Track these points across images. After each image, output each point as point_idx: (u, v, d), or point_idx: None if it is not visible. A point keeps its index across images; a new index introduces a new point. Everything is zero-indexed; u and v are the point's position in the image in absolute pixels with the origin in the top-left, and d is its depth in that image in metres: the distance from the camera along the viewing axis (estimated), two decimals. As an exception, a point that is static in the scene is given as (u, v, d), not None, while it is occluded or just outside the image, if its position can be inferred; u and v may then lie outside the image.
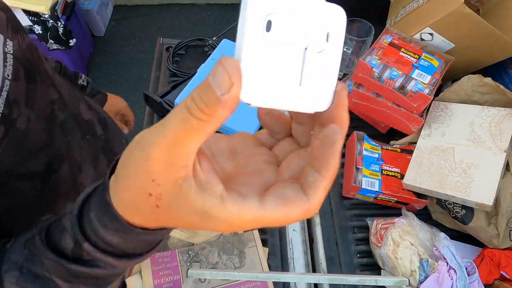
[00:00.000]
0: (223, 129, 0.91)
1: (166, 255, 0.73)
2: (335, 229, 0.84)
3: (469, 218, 0.76)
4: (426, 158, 0.82)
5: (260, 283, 0.73)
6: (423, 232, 0.73)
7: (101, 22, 2.32)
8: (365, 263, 0.80)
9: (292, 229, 0.84)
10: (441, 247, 0.69)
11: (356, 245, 0.82)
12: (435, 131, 0.86)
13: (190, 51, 1.14)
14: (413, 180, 0.80)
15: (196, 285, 0.71)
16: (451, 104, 0.88)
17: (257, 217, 0.21)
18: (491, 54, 0.89)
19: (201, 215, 0.21)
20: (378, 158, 0.87)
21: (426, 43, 0.92)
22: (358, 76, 0.88)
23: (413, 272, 0.69)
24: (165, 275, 0.71)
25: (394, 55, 0.88)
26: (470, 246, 0.80)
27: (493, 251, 0.74)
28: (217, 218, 0.21)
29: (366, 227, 0.83)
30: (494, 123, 0.80)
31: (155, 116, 0.98)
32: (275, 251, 0.80)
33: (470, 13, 0.81)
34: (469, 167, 0.76)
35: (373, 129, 0.99)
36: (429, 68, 0.87)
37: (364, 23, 1.05)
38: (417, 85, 0.85)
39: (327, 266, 0.79)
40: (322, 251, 0.81)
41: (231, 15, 2.55)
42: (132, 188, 0.22)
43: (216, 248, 0.76)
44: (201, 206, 0.21)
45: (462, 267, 0.67)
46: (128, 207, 0.24)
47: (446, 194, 0.75)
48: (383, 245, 0.74)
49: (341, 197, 0.89)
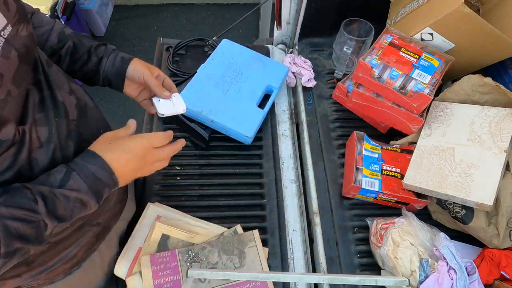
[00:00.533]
0: (223, 129, 0.91)
1: (166, 255, 0.73)
2: (335, 229, 0.84)
3: (469, 218, 0.76)
4: (426, 158, 0.82)
5: (260, 283, 0.73)
6: (423, 232, 0.73)
7: (101, 22, 2.32)
8: (365, 263, 0.80)
9: (292, 229, 0.84)
10: (441, 247, 0.69)
11: (356, 245, 0.82)
12: (435, 131, 0.86)
13: (190, 51, 1.14)
14: (413, 180, 0.80)
15: (196, 285, 0.71)
16: (451, 104, 0.88)
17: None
18: (491, 54, 0.89)
19: (123, 147, 0.54)
20: (378, 158, 0.87)
21: (426, 43, 0.92)
22: (358, 76, 0.88)
23: (413, 272, 0.69)
24: (165, 275, 0.71)
25: (394, 55, 0.88)
26: (470, 246, 0.80)
27: (493, 251, 0.74)
28: (128, 144, 0.55)
29: (366, 227, 0.83)
30: (494, 123, 0.80)
31: (155, 116, 0.98)
32: (275, 251, 0.80)
33: (470, 13, 0.81)
34: (469, 167, 0.76)
35: (373, 129, 0.99)
36: (429, 68, 0.87)
37: (364, 23, 1.05)
38: (417, 85, 0.85)
39: (327, 266, 0.79)
40: (322, 251, 0.81)
41: (231, 15, 2.56)
42: (100, 141, 0.55)
43: (216, 248, 0.76)
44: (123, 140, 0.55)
45: (462, 267, 0.67)
46: (98, 149, 0.53)
47: (446, 194, 0.75)
48: (383, 245, 0.74)
49: (341, 197, 0.89)
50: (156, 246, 0.75)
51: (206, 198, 0.87)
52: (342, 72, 1.08)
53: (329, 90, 1.08)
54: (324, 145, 0.97)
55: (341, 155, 0.95)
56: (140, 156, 0.55)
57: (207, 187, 0.88)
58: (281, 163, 0.94)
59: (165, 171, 0.89)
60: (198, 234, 0.78)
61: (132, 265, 0.73)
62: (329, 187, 0.90)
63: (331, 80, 1.10)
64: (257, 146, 0.96)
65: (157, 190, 0.86)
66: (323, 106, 1.05)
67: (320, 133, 1.00)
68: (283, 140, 0.99)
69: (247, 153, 0.95)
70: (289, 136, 1.00)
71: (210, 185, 0.89)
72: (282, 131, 1.01)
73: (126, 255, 0.73)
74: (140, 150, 0.55)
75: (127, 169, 0.54)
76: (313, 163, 0.93)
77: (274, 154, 0.95)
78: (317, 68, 1.13)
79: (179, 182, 0.88)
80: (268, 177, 0.91)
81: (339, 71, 1.08)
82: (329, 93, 1.07)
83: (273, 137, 0.98)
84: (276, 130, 1.00)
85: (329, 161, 0.94)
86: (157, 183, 0.87)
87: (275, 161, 0.94)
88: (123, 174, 0.54)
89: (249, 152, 0.95)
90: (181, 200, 0.86)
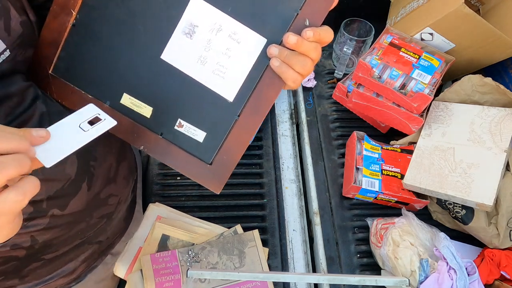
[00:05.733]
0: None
1: (166, 255, 0.73)
2: (335, 229, 0.84)
3: (469, 218, 0.76)
4: (426, 158, 0.82)
5: (260, 283, 0.73)
6: (423, 232, 0.73)
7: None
8: (365, 263, 0.80)
9: (292, 229, 0.84)
10: (441, 247, 0.69)
11: (356, 245, 0.82)
12: (435, 131, 0.86)
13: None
14: (413, 180, 0.80)
15: (196, 285, 0.71)
16: (451, 104, 0.88)
17: None
18: (491, 54, 0.89)
19: None
20: (378, 158, 0.87)
21: (426, 43, 0.92)
22: (358, 76, 0.88)
23: (413, 272, 0.69)
24: (166, 274, 0.71)
25: (394, 55, 0.88)
26: (470, 246, 0.80)
27: (493, 251, 0.74)
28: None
29: (366, 227, 0.83)
30: (494, 123, 0.80)
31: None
32: (275, 251, 0.80)
33: (470, 13, 0.81)
34: (469, 167, 0.76)
35: (373, 129, 0.99)
36: (429, 68, 0.86)
37: (364, 23, 1.05)
38: (417, 85, 0.85)
39: (327, 266, 0.79)
40: (322, 251, 0.81)
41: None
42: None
43: (216, 248, 0.76)
44: None
45: (462, 267, 0.67)
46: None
47: (446, 194, 0.75)
48: (383, 245, 0.74)
49: (341, 197, 0.89)
50: (156, 246, 0.75)
51: (206, 198, 0.86)
52: (342, 72, 1.08)
53: (329, 90, 1.08)
54: (324, 145, 0.97)
55: (341, 155, 0.95)
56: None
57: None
58: (281, 163, 0.94)
59: (165, 171, 0.89)
60: (198, 234, 0.78)
61: (131, 265, 0.73)
62: (329, 187, 0.90)
63: (331, 80, 1.10)
64: (257, 146, 0.96)
65: (157, 190, 0.86)
66: (323, 106, 1.05)
67: (320, 133, 1.00)
68: (283, 140, 0.99)
69: (247, 153, 0.94)
70: (289, 136, 1.00)
71: (210, 185, 0.89)
72: (282, 131, 1.01)
73: (126, 255, 0.73)
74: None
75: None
76: (313, 163, 0.93)
77: (274, 154, 0.95)
78: (317, 68, 1.13)
79: (179, 182, 0.88)
80: (268, 177, 0.91)
81: (339, 71, 1.08)
82: (329, 93, 1.07)
83: (273, 137, 0.99)
84: (276, 130, 1.00)
85: (329, 161, 0.94)
86: (157, 183, 0.87)
87: (275, 161, 0.94)
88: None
89: (249, 152, 0.95)
90: (181, 200, 0.86)
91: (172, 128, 0.53)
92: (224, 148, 0.53)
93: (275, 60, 0.46)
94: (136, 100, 0.53)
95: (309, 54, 0.45)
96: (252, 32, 0.47)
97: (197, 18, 0.48)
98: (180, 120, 0.53)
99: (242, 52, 0.48)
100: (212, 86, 0.51)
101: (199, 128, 0.53)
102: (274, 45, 0.46)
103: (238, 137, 0.52)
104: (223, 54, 0.49)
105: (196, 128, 0.53)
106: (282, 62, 0.46)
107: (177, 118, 0.53)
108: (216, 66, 0.49)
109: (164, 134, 0.54)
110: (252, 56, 0.48)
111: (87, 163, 0.55)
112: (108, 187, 0.62)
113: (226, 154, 0.53)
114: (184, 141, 0.54)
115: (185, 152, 0.54)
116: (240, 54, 0.49)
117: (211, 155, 0.54)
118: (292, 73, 0.46)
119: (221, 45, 0.48)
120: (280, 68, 0.46)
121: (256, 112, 0.51)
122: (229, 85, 0.50)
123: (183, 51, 0.49)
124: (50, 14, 0.50)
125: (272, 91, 0.50)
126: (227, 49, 0.48)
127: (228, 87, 0.50)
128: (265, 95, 0.50)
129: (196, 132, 0.53)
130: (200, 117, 0.52)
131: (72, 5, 0.50)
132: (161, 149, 0.54)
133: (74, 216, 0.56)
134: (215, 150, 0.53)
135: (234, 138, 0.53)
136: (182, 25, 0.48)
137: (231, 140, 0.53)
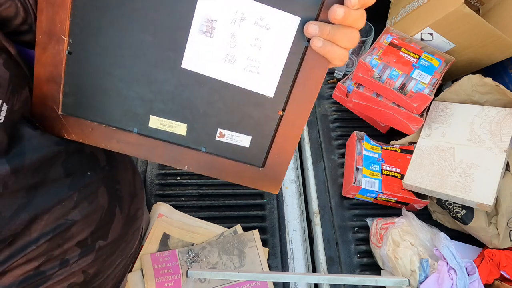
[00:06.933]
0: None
1: (166, 255, 0.73)
2: (335, 229, 0.84)
3: (469, 218, 0.76)
4: (426, 158, 0.82)
5: (260, 283, 0.73)
6: (423, 232, 0.73)
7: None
8: (365, 263, 0.80)
9: (292, 229, 0.84)
10: (441, 247, 0.69)
11: (356, 245, 0.82)
12: (435, 131, 0.86)
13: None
14: (413, 180, 0.80)
15: (196, 285, 0.71)
16: (451, 104, 0.88)
17: None
18: (491, 54, 0.89)
19: None
20: (378, 158, 0.87)
21: (426, 43, 0.92)
22: (358, 76, 0.88)
23: (413, 272, 0.69)
24: (166, 273, 0.71)
25: (394, 55, 0.88)
26: (470, 246, 0.80)
27: (493, 251, 0.74)
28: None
29: (366, 227, 0.83)
30: (494, 123, 0.80)
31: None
32: (275, 251, 0.80)
33: (470, 13, 0.81)
34: (469, 167, 0.76)
35: (373, 129, 0.99)
36: (429, 68, 0.87)
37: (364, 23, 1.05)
38: (417, 85, 0.85)
39: (327, 266, 0.79)
40: (322, 251, 0.81)
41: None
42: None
43: (216, 248, 0.76)
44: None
45: (462, 267, 0.67)
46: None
47: (446, 194, 0.75)
48: (383, 245, 0.74)
49: (341, 197, 0.89)
50: (157, 245, 0.75)
51: (206, 198, 0.86)
52: (342, 72, 1.08)
53: (329, 90, 1.08)
54: (324, 145, 0.97)
55: (341, 155, 0.95)
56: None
57: (207, 187, 0.88)
58: (281, 163, 0.94)
59: (165, 171, 0.89)
60: (198, 234, 0.78)
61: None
62: (329, 187, 0.90)
63: (331, 80, 1.10)
64: (257, 146, 0.96)
65: (157, 190, 0.86)
66: (323, 106, 1.05)
67: (320, 133, 1.00)
68: (283, 140, 0.99)
69: (247, 153, 0.95)
70: (289, 136, 1.00)
71: (210, 185, 0.89)
72: (282, 131, 1.01)
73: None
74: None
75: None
76: (313, 163, 0.93)
77: (274, 154, 0.95)
78: (317, 68, 1.13)
79: (179, 182, 0.88)
80: (268, 177, 0.91)
81: (339, 71, 1.08)
82: (329, 93, 1.07)
83: (273, 137, 0.99)
84: (276, 130, 1.00)
85: (329, 161, 0.94)
86: (157, 183, 0.87)
87: (275, 161, 0.94)
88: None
89: (249, 152, 0.95)
90: (181, 200, 0.86)
91: (214, 140, 0.48)
92: (274, 148, 0.48)
93: (316, 40, 0.38)
94: (166, 120, 0.47)
95: (356, 24, 0.39)
96: (282, 13, 0.40)
97: (213, 10, 0.40)
98: (220, 130, 0.48)
99: (274, 39, 0.41)
100: (247, 85, 0.44)
101: (242, 133, 0.48)
102: (311, 22, 0.39)
103: (287, 133, 0.47)
104: (252, 46, 0.42)
105: (239, 134, 0.48)
106: (325, 40, 0.38)
107: (216, 129, 0.47)
108: (247, 62, 0.43)
109: (206, 149, 0.49)
110: (286, 41, 0.41)
111: (114, 189, 0.56)
112: (133, 202, 0.64)
113: (278, 153, 0.49)
114: (229, 150, 0.49)
115: (233, 161, 0.49)
116: (272, 41, 0.41)
117: (261, 158, 0.49)
118: (338, 50, 0.39)
119: (248, 37, 0.41)
120: (324, 48, 0.39)
121: (303, 103, 0.45)
122: (266, 80, 0.44)
123: (205, 53, 0.42)
124: (38, 46, 0.42)
125: (317, 76, 0.43)
126: (256, 39, 0.41)
127: (266, 82, 0.44)
128: (310, 82, 0.44)
129: (240, 138, 0.48)
130: (241, 121, 0.47)
131: (61, 30, 0.42)
132: (207, 165, 0.49)
133: (115, 241, 0.58)
134: (265, 151, 0.49)
135: (282, 135, 0.47)
136: (198, 23, 0.41)
137: (280, 138, 0.48)
